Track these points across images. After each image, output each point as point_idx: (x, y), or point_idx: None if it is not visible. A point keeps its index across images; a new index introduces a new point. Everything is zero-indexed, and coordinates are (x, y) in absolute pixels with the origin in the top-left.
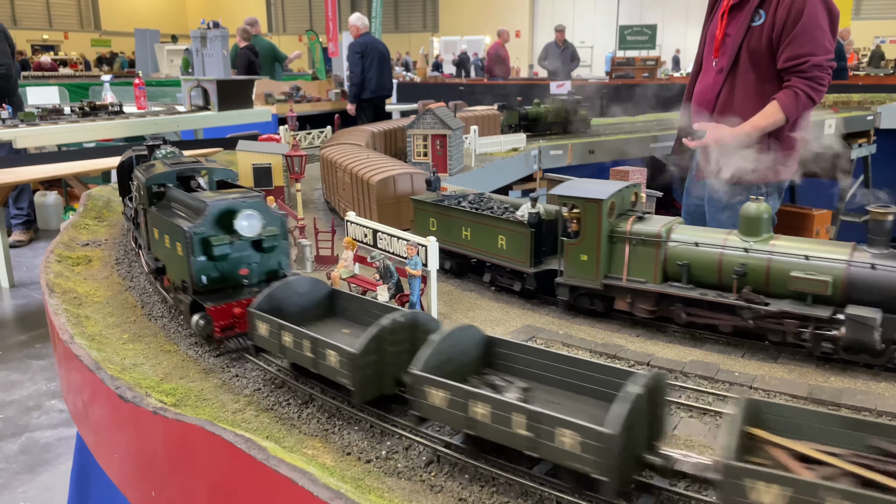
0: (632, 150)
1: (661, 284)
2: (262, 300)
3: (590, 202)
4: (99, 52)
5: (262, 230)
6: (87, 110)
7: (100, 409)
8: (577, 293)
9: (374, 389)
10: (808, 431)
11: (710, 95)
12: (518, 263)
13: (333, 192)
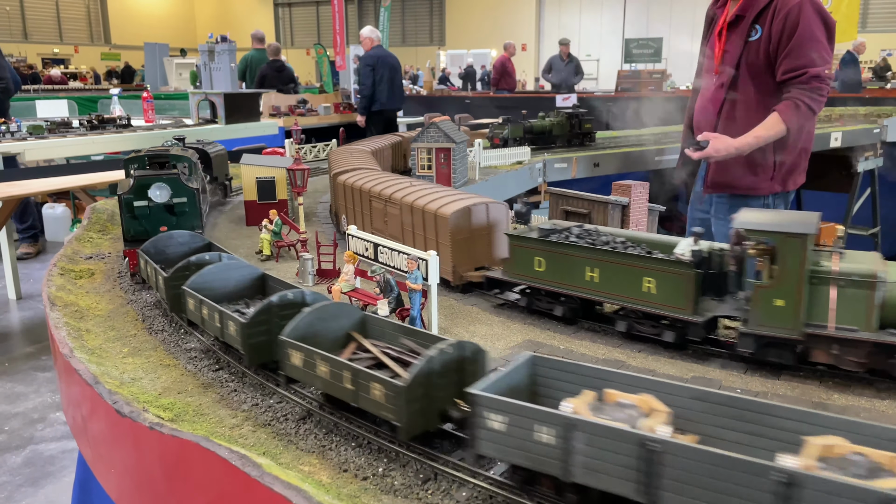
0: (637, 163)
1: (879, 332)
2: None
3: (791, 237)
4: (109, 65)
5: (170, 199)
6: (95, 123)
7: (98, 424)
8: (765, 344)
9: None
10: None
11: (713, 110)
12: (675, 310)
13: (363, 221)
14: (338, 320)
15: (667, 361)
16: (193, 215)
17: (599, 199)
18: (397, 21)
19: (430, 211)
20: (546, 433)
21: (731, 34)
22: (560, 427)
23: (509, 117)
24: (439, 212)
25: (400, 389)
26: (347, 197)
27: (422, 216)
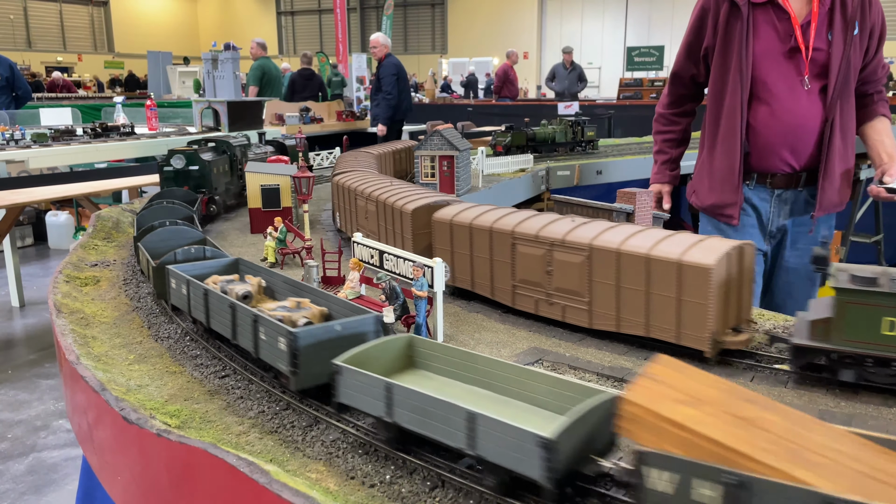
0: (639, 171)
1: None
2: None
3: None
4: (112, 73)
5: (185, 166)
6: (98, 131)
7: (104, 431)
8: None
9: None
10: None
11: (812, 123)
12: None
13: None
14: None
15: None
16: (203, 180)
17: (604, 206)
18: (399, 29)
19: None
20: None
21: (822, 30)
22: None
23: (512, 125)
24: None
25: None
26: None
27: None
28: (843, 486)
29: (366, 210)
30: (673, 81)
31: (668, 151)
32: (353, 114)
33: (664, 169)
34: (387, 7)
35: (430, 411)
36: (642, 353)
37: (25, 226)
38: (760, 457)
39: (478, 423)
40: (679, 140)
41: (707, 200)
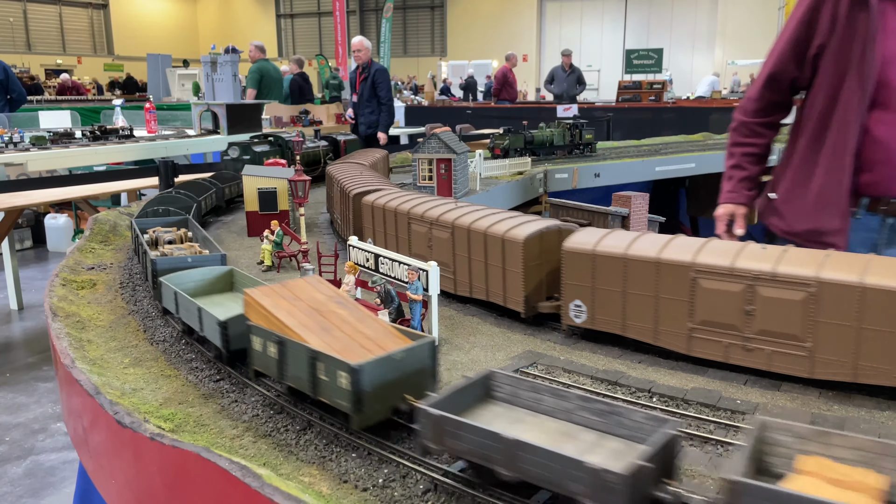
0: (637, 174)
1: None
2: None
3: None
4: (111, 76)
5: (239, 156)
6: (97, 134)
7: (99, 435)
8: None
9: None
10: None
11: None
12: None
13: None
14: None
15: (667, 373)
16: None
17: (599, 209)
18: (399, 32)
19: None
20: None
21: None
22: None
23: (510, 128)
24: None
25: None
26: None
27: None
28: (332, 347)
29: (429, 237)
30: (767, 85)
31: (748, 168)
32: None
33: (741, 188)
34: (386, 10)
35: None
36: (636, 356)
37: (24, 229)
38: (295, 328)
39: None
40: (761, 156)
41: (800, 225)
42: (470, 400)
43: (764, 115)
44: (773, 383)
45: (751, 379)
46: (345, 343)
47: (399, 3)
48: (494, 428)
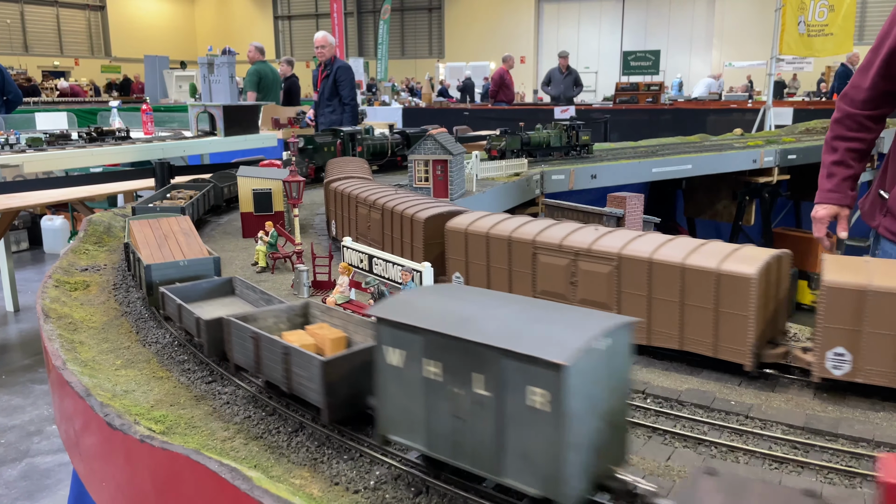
0: (634, 175)
1: None
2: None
3: None
4: (109, 77)
5: (305, 145)
6: (94, 135)
7: (90, 438)
8: None
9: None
10: None
11: None
12: None
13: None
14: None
15: (661, 374)
16: (315, 154)
17: (595, 210)
18: (396, 33)
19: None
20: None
21: None
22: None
23: (507, 129)
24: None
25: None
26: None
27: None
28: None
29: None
30: (881, 71)
31: (853, 165)
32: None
33: (845, 187)
34: (384, 11)
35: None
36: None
37: (20, 230)
38: (140, 245)
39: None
40: (866, 152)
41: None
42: (212, 293)
43: (874, 106)
44: (768, 384)
45: (745, 380)
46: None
47: (396, 4)
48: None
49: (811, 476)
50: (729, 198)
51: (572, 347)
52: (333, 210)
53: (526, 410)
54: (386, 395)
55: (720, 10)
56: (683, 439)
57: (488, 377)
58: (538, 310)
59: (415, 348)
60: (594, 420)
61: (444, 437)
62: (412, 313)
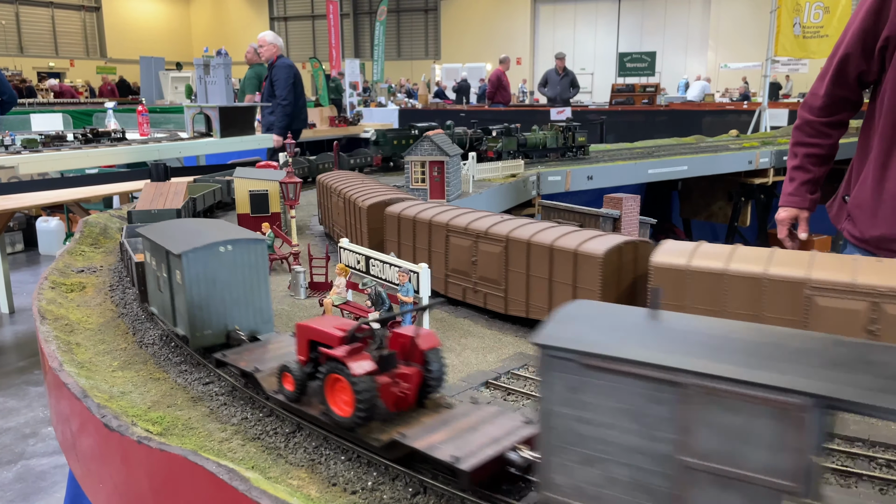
0: (630, 177)
1: None
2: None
3: None
4: (104, 78)
5: (376, 139)
6: (89, 137)
7: (87, 439)
8: None
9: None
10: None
11: None
12: None
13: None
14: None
15: None
16: (384, 146)
17: (591, 211)
18: (393, 35)
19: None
20: None
21: None
22: None
23: (503, 130)
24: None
25: None
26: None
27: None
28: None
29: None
30: (834, 79)
31: (812, 170)
32: (346, 119)
33: (803, 191)
34: (380, 13)
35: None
36: None
37: (15, 232)
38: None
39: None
40: (826, 157)
41: (871, 231)
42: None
43: (830, 112)
44: None
45: None
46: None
47: (393, 6)
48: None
49: None
50: (724, 199)
51: (192, 246)
52: (321, 202)
53: (177, 284)
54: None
55: (716, 12)
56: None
57: (167, 266)
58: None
59: None
60: (215, 293)
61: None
62: None
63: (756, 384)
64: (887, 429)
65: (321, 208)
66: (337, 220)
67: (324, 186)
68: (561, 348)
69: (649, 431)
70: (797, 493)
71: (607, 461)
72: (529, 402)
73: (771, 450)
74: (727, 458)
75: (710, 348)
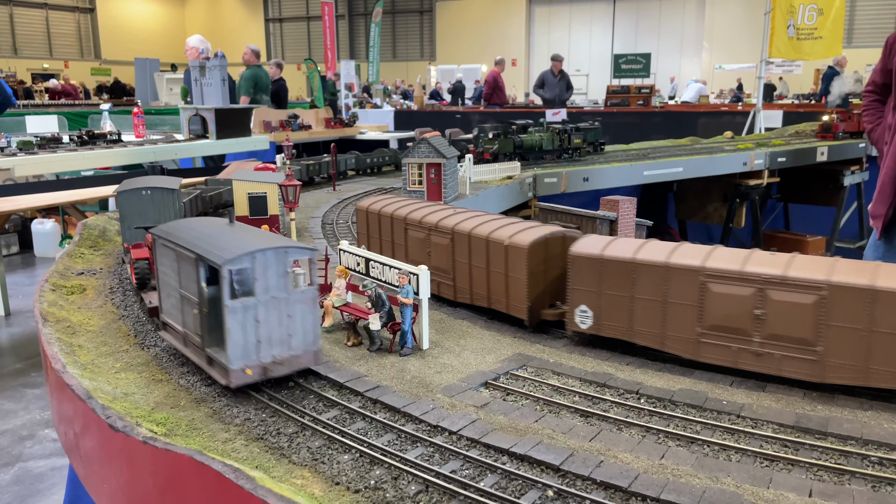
0: (625, 178)
1: None
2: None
3: None
4: (99, 80)
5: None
6: (85, 139)
7: (91, 440)
8: None
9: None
10: None
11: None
12: None
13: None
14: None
15: (654, 374)
16: (477, 140)
17: (588, 214)
18: (388, 36)
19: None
20: None
21: None
22: None
23: (499, 132)
24: None
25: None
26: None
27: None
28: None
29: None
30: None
31: None
32: (342, 121)
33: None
34: (375, 14)
35: None
36: (624, 359)
37: (11, 234)
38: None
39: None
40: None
41: (873, 208)
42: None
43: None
44: (759, 384)
45: (737, 380)
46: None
47: (388, 7)
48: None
49: (801, 473)
50: (720, 200)
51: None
52: (370, 233)
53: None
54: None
55: (710, 14)
56: (676, 438)
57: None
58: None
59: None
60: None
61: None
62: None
63: (187, 248)
64: (880, 427)
65: (377, 244)
66: (439, 264)
67: (391, 218)
68: (157, 235)
69: (177, 277)
70: (199, 304)
71: (170, 294)
72: (528, 402)
73: (195, 282)
74: (186, 287)
75: (206, 236)
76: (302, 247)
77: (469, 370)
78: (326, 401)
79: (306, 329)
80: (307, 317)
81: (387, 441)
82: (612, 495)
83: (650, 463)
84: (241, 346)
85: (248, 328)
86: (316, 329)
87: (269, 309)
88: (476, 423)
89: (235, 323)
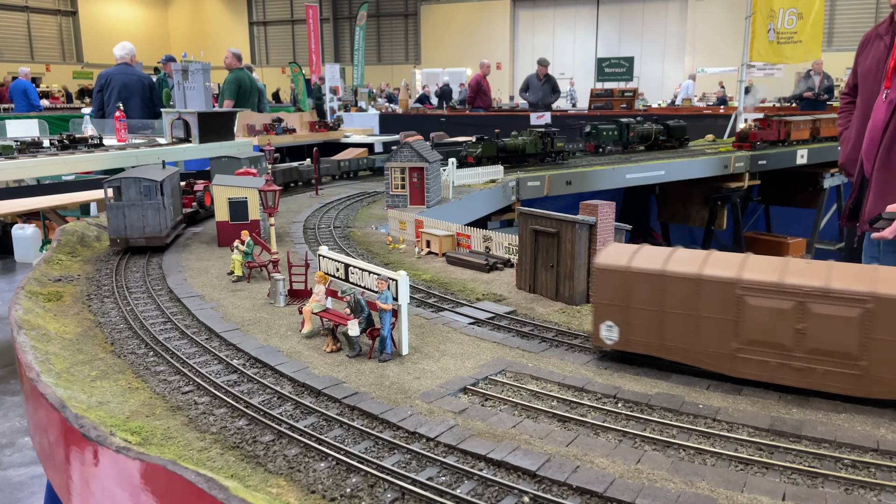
0: (608, 182)
1: None
2: None
3: None
4: (81, 83)
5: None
6: (66, 143)
7: (64, 449)
8: None
9: None
10: None
11: (879, 130)
12: None
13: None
14: None
15: (632, 378)
16: (599, 137)
17: (567, 218)
18: (373, 40)
19: None
20: None
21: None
22: None
23: (483, 136)
24: None
25: None
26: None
27: None
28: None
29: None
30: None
31: None
32: (326, 124)
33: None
34: (360, 18)
35: None
36: (602, 363)
37: None
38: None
39: None
40: None
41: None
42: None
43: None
44: (735, 388)
45: (713, 384)
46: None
47: (373, 11)
48: None
49: (775, 477)
50: (701, 203)
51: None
52: (626, 304)
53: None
54: None
55: (692, 18)
56: (653, 442)
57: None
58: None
59: None
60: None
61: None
62: None
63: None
64: (854, 430)
65: (646, 320)
66: (828, 346)
67: (698, 281)
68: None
69: None
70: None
71: None
72: (506, 408)
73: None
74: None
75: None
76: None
77: (448, 375)
78: (304, 408)
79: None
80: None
81: (364, 448)
82: (587, 500)
83: (626, 467)
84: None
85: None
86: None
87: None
88: (454, 429)
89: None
